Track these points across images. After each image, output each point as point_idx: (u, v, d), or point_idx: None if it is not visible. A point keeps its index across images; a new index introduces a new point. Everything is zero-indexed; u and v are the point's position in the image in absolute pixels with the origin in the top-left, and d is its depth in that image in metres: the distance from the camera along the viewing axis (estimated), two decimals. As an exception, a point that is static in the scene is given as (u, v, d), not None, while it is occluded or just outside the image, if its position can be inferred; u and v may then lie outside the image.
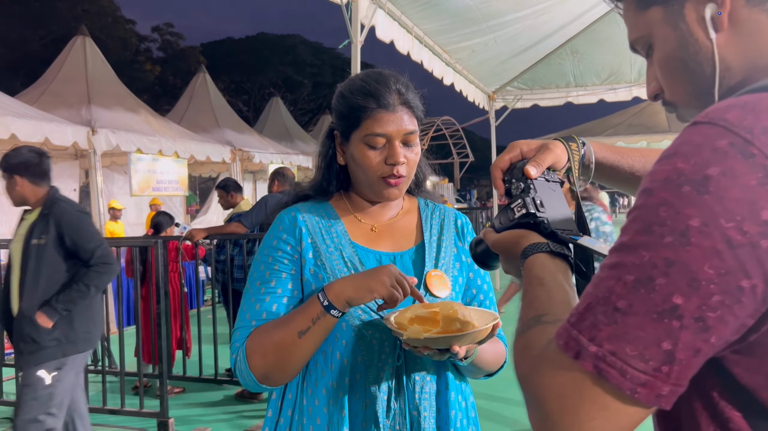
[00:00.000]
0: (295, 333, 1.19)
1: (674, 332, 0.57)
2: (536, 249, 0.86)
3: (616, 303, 0.60)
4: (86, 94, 8.30)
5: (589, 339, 0.60)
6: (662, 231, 0.58)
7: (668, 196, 0.59)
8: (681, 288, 0.57)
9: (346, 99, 1.33)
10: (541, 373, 0.64)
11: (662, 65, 0.79)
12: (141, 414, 4.10)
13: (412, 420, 1.26)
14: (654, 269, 0.58)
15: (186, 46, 35.24)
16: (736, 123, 0.58)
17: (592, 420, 0.60)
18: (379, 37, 5.03)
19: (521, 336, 0.73)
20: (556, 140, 1.00)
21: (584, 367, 0.60)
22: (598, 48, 8.19)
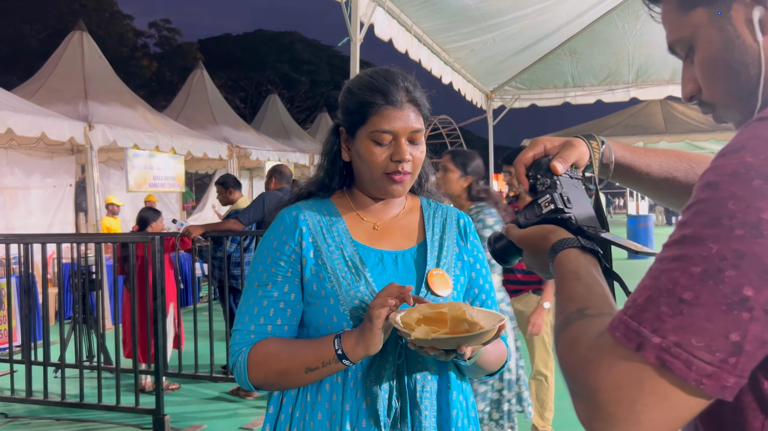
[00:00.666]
0: (303, 367, 1.23)
1: (743, 324, 0.57)
2: (567, 245, 0.87)
3: (682, 294, 0.60)
4: (83, 90, 8.27)
5: (652, 330, 0.60)
6: (732, 224, 0.59)
7: (737, 190, 0.59)
8: (752, 281, 0.57)
9: (353, 94, 1.33)
10: (595, 365, 0.64)
11: (705, 66, 0.79)
12: (136, 410, 4.09)
13: (413, 418, 1.26)
14: (723, 261, 0.58)
15: (183, 42, 35.12)
16: None
17: (650, 411, 0.61)
18: (378, 35, 5.03)
19: (566, 330, 0.73)
20: (578, 137, 1.01)
21: (647, 358, 0.60)
22: (596, 49, 8.21)
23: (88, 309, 5.13)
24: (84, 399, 4.17)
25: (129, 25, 30.85)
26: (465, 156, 3.33)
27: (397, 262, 1.34)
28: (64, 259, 6.05)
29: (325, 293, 1.28)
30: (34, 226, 8.81)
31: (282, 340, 1.29)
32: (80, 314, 4.87)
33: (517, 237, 0.96)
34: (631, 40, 7.86)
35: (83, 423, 4.35)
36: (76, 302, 4.91)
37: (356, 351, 1.19)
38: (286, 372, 1.24)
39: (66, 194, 9.99)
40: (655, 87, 8.93)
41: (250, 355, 1.26)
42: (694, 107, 9.74)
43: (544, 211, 0.92)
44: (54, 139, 7.17)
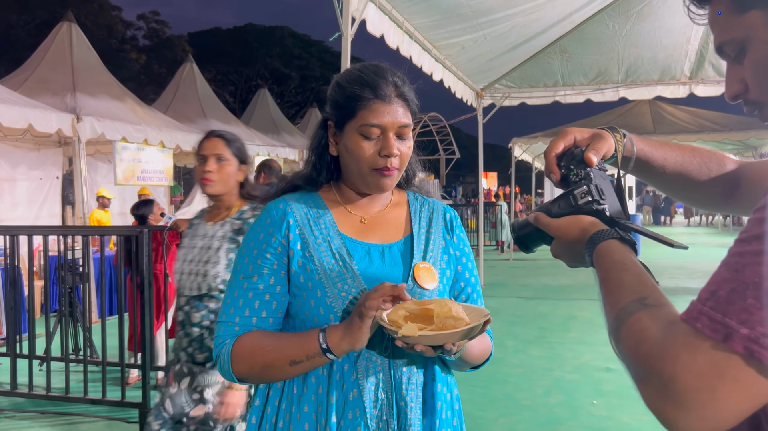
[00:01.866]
0: (287, 361, 1.23)
1: None
2: (607, 236, 0.88)
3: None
4: (71, 81, 8.20)
5: (740, 322, 0.62)
6: None
7: None
8: None
9: (342, 88, 1.34)
10: (674, 354, 0.66)
11: (758, 66, 0.81)
12: (123, 404, 4.08)
13: (399, 410, 1.27)
14: None
15: (172, 35, 34.92)
16: None
17: (730, 398, 0.63)
18: (370, 31, 5.02)
19: (630, 319, 0.75)
20: (604, 129, 1.03)
21: (734, 348, 0.62)
22: (586, 48, 8.24)
23: (74, 303, 5.10)
24: (69, 393, 4.15)
25: (117, 17, 30.62)
26: (238, 141, 2.64)
27: (384, 255, 1.35)
28: (51, 252, 6.01)
29: (312, 285, 1.28)
30: (20, 219, 8.74)
31: (266, 333, 1.29)
32: (66, 307, 4.84)
33: (552, 227, 0.97)
34: (620, 40, 7.90)
35: (68, 417, 4.33)
36: (62, 295, 4.89)
37: (341, 346, 1.20)
38: (270, 365, 1.25)
39: (53, 186, 9.92)
40: (644, 87, 8.99)
41: (234, 348, 1.27)
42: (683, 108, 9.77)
43: (580, 202, 0.93)
44: (41, 131, 7.11)
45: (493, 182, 28.89)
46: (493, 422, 4.24)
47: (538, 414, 4.36)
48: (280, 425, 1.30)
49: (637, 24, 7.61)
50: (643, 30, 7.71)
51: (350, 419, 1.25)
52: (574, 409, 4.45)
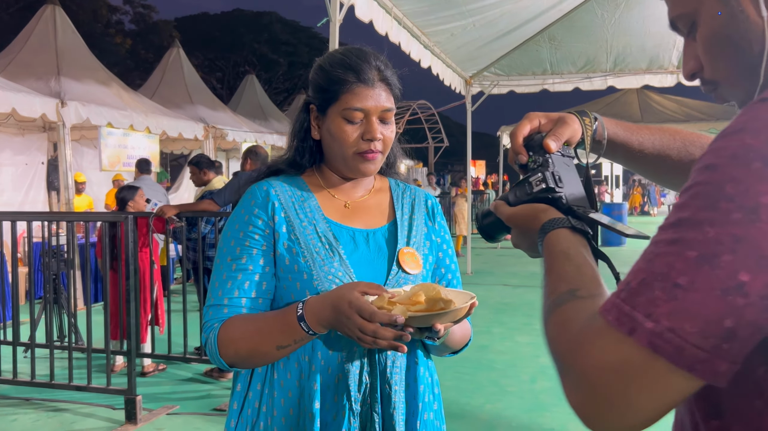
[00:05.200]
0: (274, 346, 1.22)
1: (738, 310, 0.56)
2: (557, 225, 0.86)
3: (677, 279, 0.59)
4: (56, 65, 8.09)
5: (646, 315, 0.59)
6: (730, 208, 0.57)
7: (737, 172, 0.58)
8: (748, 266, 0.56)
9: (325, 72, 1.33)
10: (587, 349, 0.63)
11: (708, 42, 0.77)
12: (108, 391, 4.06)
13: (383, 393, 1.28)
14: (720, 245, 0.57)
15: (159, 20, 34.50)
16: None
17: (642, 395, 0.60)
18: (358, 17, 4.98)
19: (557, 311, 0.72)
20: (570, 113, 0.99)
21: (639, 343, 0.59)
22: (574, 36, 8.24)
23: (59, 289, 5.06)
24: (54, 380, 4.13)
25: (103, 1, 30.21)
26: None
27: (369, 240, 1.35)
28: (35, 238, 5.95)
29: (299, 268, 1.27)
30: (4, 204, 8.64)
31: (252, 317, 1.27)
32: (51, 293, 4.81)
33: (506, 216, 0.95)
34: (609, 29, 7.91)
35: (53, 403, 4.31)
36: (47, 281, 4.84)
37: (323, 329, 1.20)
38: (257, 351, 1.24)
39: (38, 172, 9.81)
40: (632, 76, 9.01)
41: (220, 333, 1.25)
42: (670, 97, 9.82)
43: (534, 190, 0.91)
44: (25, 116, 7.02)
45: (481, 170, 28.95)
46: (480, 408, 4.27)
47: (524, 400, 4.40)
48: (264, 410, 1.30)
49: (625, 12, 7.61)
50: (632, 18, 7.72)
51: (335, 403, 1.25)
52: (560, 395, 4.46)
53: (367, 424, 1.26)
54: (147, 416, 4.06)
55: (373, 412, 1.26)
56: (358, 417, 1.25)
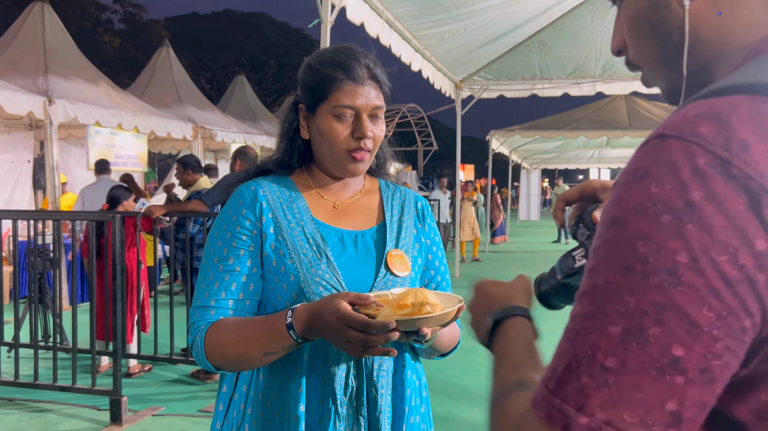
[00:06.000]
0: (262, 352, 1.20)
1: (679, 389, 0.49)
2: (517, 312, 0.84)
3: (604, 361, 0.51)
4: (43, 63, 8.01)
5: (577, 408, 0.51)
6: (645, 271, 0.50)
7: (646, 228, 0.51)
8: (680, 337, 0.49)
9: (314, 70, 1.32)
10: None
11: (629, 23, 0.72)
12: (93, 391, 4.02)
13: (369, 397, 1.27)
14: (644, 317, 0.50)
15: (149, 20, 34.33)
16: (710, 139, 0.51)
17: None
18: (350, 19, 4.99)
19: (504, 401, 0.64)
20: None
21: None
22: (564, 42, 8.29)
23: (44, 288, 5.02)
24: (38, 380, 4.09)
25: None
26: None
27: (357, 242, 1.34)
28: (21, 237, 5.89)
29: (285, 269, 1.27)
30: (-11, 203, 8.55)
31: (239, 321, 1.25)
32: (36, 293, 4.76)
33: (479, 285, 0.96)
34: (599, 35, 7.96)
35: (37, 404, 4.27)
36: (32, 281, 4.80)
37: (312, 338, 1.19)
38: (244, 357, 1.22)
39: (24, 170, 9.72)
40: (621, 82, 9.08)
41: (207, 336, 1.24)
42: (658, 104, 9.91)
43: (577, 265, 0.86)
44: (12, 113, 6.95)
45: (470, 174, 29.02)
46: (467, 411, 4.27)
47: None
48: (249, 412, 1.29)
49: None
50: (621, 25, 7.75)
51: (321, 406, 1.24)
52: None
53: (353, 427, 1.25)
54: (132, 417, 4.03)
55: (359, 415, 1.25)
56: (344, 420, 1.24)
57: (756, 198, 0.49)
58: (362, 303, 1.12)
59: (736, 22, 0.63)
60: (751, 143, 0.50)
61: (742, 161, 0.50)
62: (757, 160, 0.50)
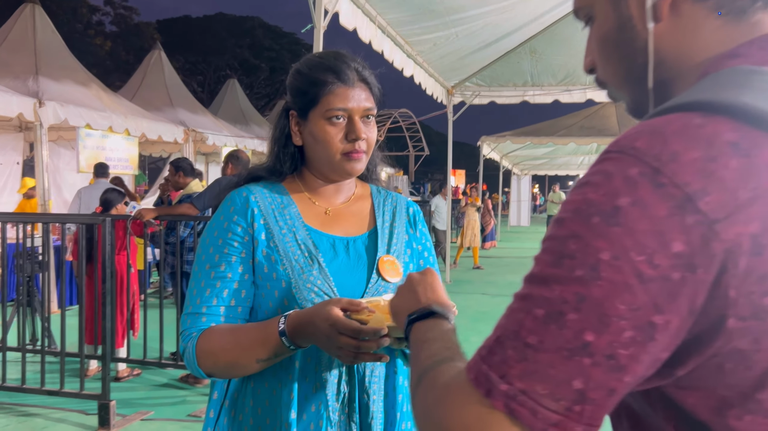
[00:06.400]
0: (254, 359, 1.20)
1: (585, 370, 0.55)
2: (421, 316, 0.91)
3: (527, 338, 0.57)
4: (34, 64, 7.97)
5: (500, 376, 0.57)
6: (572, 264, 0.56)
7: (578, 228, 0.57)
8: (592, 325, 0.54)
9: (303, 75, 1.32)
10: (448, 406, 0.60)
11: (598, 43, 0.76)
12: (81, 395, 3.99)
13: (361, 403, 1.27)
14: (565, 304, 0.56)
15: (141, 22, 34.27)
16: (644, 151, 0.56)
17: None
18: (343, 24, 5.00)
19: (424, 379, 0.69)
20: None
21: (495, 406, 0.57)
22: (555, 49, 8.33)
23: (33, 292, 4.98)
24: (25, 384, 4.05)
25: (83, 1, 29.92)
26: None
27: (349, 248, 1.34)
28: (9, 239, 5.84)
29: (277, 276, 1.26)
30: (-23, 204, 8.49)
31: (231, 329, 1.25)
32: (24, 296, 4.73)
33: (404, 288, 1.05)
34: (589, 43, 8.01)
35: (24, 408, 4.23)
36: (20, 284, 4.76)
37: (305, 344, 1.19)
38: (236, 364, 1.22)
39: (13, 172, 9.66)
40: (611, 90, 9.13)
41: (199, 343, 1.23)
42: (647, 111, 10.01)
43: None
44: (1, 115, 6.91)
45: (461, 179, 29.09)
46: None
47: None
48: (240, 419, 1.29)
49: (605, 27, 7.71)
50: (612, 33, 7.82)
51: (312, 412, 1.24)
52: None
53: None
54: (121, 422, 4.00)
55: (350, 422, 1.25)
56: (336, 426, 1.24)
57: (680, 204, 0.54)
58: (354, 310, 1.13)
59: (694, 44, 0.68)
60: (681, 153, 0.55)
61: (670, 170, 0.55)
62: (685, 169, 0.54)
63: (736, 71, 0.62)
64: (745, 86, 0.59)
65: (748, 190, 0.54)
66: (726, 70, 0.63)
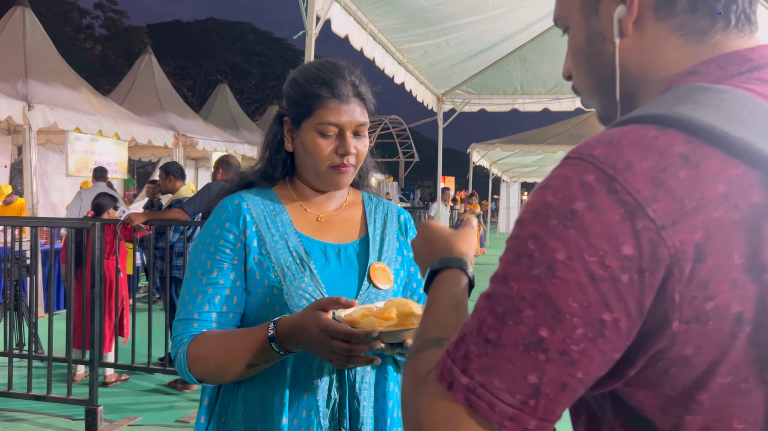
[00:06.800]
0: (245, 364, 1.21)
1: (540, 365, 0.57)
2: (454, 264, 0.89)
3: (487, 334, 0.59)
4: (23, 67, 7.94)
5: (462, 370, 0.60)
6: (530, 263, 0.59)
7: (536, 229, 0.59)
8: (547, 321, 0.57)
9: (300, 86, 1.33)
10: (420, 400, 0.63)
11: (571, 53, 0.79)
12: (68, 401, 3.97)
13: (351, 409, 1.28)
14: (522, 301, 0.58)
15: (131, 26, 34.17)
16: (601, 159, 0.59)
17: None
18: (335, 31, 5.03)
19: (415, 356, 0.71)
20: None
21: (456, 399, 0.59)
22: (545, 58, 8.40)
23: (20, 296, 4.95)
24: (12, 388, 4.02)
25: (73, 4, 29.81)
26: None
27: (340, 255, 1.35)
28: (-4, 243, 5.80)
29: (269, 283, 1.27)
30: (-36, 208, 8.41)
31: (223, 335, 1.26)
32: (11, 300, 4.69)
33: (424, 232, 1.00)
34: (579, 52, 8.08)
35: (10, 413, 4.20)
36: (7, 288, 4.73)
37: (295, 350, 1.20)
38: (226, 369, 1.23)
39: (1, 176, 9.59)
40: (600, 98, 9.20)
41: (190, 349, 1.24)
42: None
43: None
44: (-10, 118, 6.87)
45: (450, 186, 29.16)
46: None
47: None
48: (231, 425, 1.29)
49: (595, 37, 7.78)
50: (601, 43, 7.89)
51: (303, 418, 1.25)
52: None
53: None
54: (108, 427, 3.98)
55: (341, 428, 1.26)
56: None
57: (631, 211, 0.56)
58: (337, 307, 1.14)
59: (657, 60, 0.71)
60: (635, 162, 0.58)
61: (624, 178, 0.57)
62: (637, 178, 0.57)
63: (694, 88, 0.64)
64: (699, 102, 0.61)
65: (694, 199, 0.56)
66: (684, 87, 0.65)
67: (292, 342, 1.17)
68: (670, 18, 0.70)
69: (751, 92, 0.63)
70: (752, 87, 0.64)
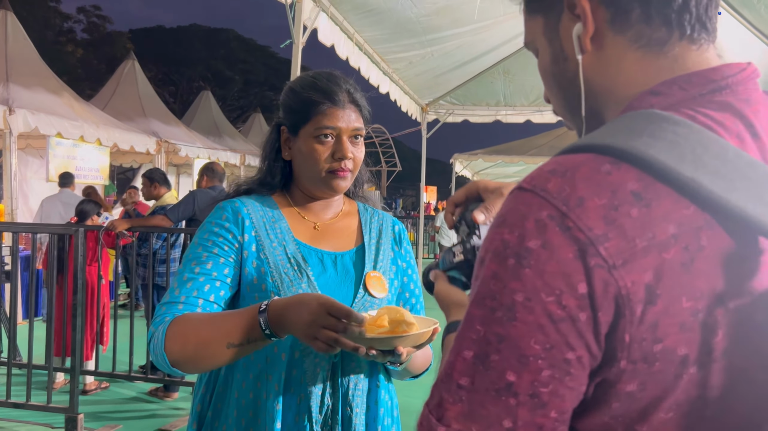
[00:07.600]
0: (224, 343, 1.15)
1: (512, 409, 0.57)
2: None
3: (459, 380, 0.59)
4: (5, 71, 7.85)
5: (437, 419, 0.60)
6: (493, 305, 0.58)
7: (497, 268, 0.59)
8: (512, 365, 0.57)
9: (296, 93, 1.37)
10: None
11: (541, 76, 0.79)
12: (48, 409, 3.92)
13: (343, 416, 1.29)
14: (489, 345, 0.58)
15: (113, 31, 33.96)
16: (555, 194, 0.58)
17: None
18: (321, 41, 5.06)
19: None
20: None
21: None
22: (528, 70, 8.49)
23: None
24: (-10, 396, 3.97)
25: (55, 9, 29.56)
26: None
27: (336, 263, 1.37)
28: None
29: (266, 287, 1.29)
30: (-60, 212, 8.27)
31: (209, 314, 1.22)
32: (-10, 306, 4.63)
33: (435, 292, 0.98)
34: (561, 65, 8.18)
35: (-12, 421, 4.14)
36: (-14, 294, 4.67)
37: (281, 331, 1.15)
38: (204, 345, 1.17)
39: (-22, 180, 9.45)
40: (581, 111, 9.31)
41: (170, 326, 1.19)
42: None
43: (455, 260, 0.92)
44: (-30, 122, 6.79)
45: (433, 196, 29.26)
46: None
47: None
48: (223, 430, 1.30)
49: (577, 50, 7.89)
50: (583, 56, 8.00)
51: (296, 424, 1.26)
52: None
53: None
54: (88, 436, 3.94)
55: None
56: None
57: (583, 248, 0.56)
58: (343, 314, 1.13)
59: (618, 76, 0.70)
60: (587, 199, 0.57)
61: (576, 215, 0.56)
62: (589, 215, 0.56)
63: (651, 116, 0.63)
64: (655, 136, 0.60)
65: (645, 239, 0.56)
66: (643, 112, 0.64)
67: (283, 321, 1.13)
68: (625, 30, 0.68)
69: (709, 120, 0.62)
70: (711, 113, 0.63)
